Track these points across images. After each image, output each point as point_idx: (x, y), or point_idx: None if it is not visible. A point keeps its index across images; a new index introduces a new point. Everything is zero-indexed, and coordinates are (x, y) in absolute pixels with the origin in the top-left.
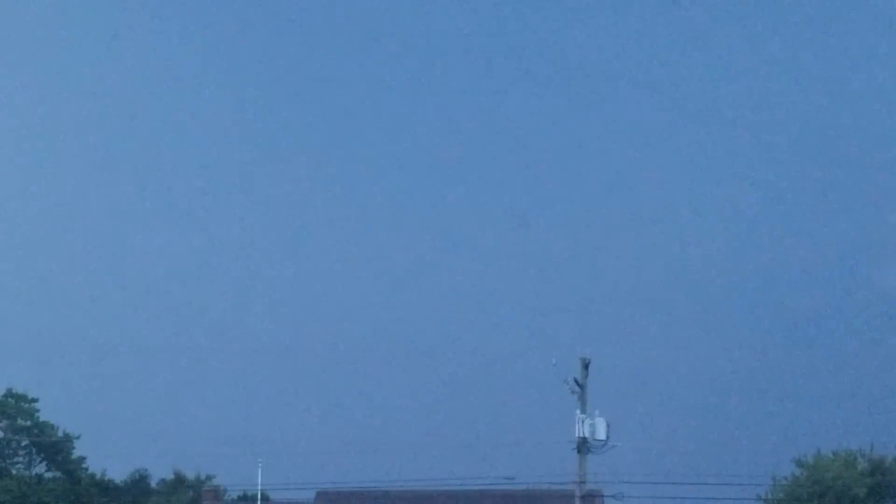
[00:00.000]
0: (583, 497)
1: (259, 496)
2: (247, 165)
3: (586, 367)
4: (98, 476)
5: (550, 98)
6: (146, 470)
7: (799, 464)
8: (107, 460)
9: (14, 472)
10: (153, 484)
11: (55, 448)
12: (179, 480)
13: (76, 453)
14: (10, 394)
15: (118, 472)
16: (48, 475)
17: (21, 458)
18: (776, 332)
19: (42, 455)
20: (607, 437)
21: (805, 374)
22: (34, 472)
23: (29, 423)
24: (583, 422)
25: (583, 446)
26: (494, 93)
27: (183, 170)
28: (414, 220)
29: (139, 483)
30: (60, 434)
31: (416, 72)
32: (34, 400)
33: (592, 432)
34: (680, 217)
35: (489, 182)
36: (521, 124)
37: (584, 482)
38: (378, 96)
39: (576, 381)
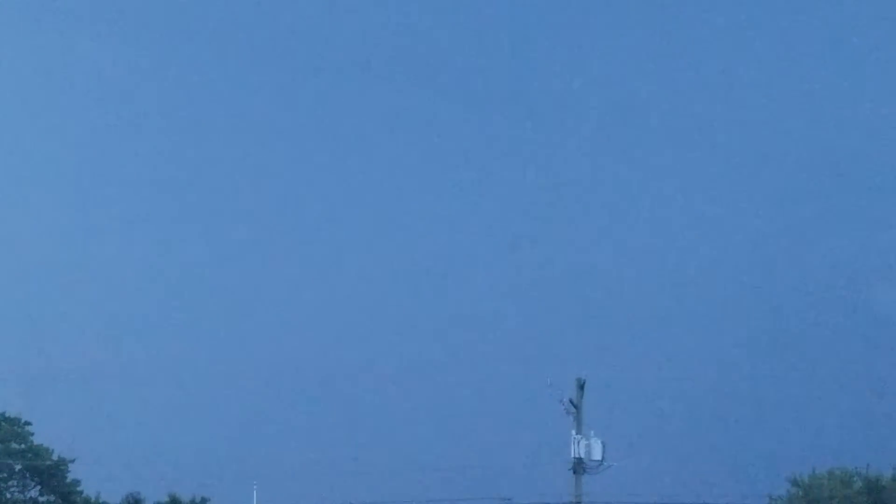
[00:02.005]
0: None
1: None
2: (243, 186)
3: (582, 387)
4: (93, 500)
5: (541, 118)
6: (139, 493)
7: (794, 483)
8: (102, 484)
9: (8, 496)
10: None
11: (49, 472)
12: (174, 503)
13: (70, 477)
14: (3, 418)
15: (113, 496)
16: (42, 499)
17: (15, 483)
18: (772, 352)
19: (36, 479)
20: (603, 457)
21: (801, 393)
22: (28, 497)
23: (23, 446)
24: (578, 442)
25: (578, 467)
26: (484, 115)
27: (174, 193)
28: (408, 240)
29: None
30: (55, 458)
31: (406, 95)
32: (28, 423)
33: (588, 453)
34: (674, 236)
35: (482, 202)
36: (512, 145)
37: (579, 502)
38: (373, 120)
39: (571, 402)
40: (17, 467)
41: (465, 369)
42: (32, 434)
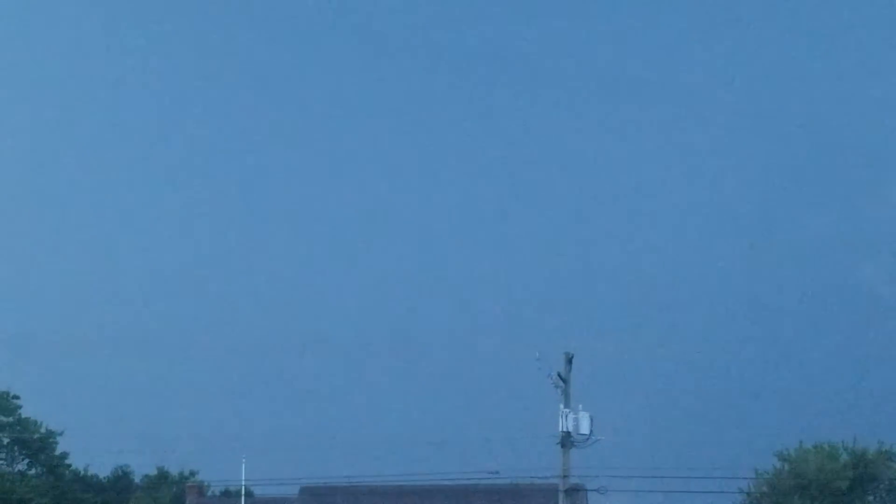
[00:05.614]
0: (566, 491)
1: (243, 492)
2: (234, 163)
3: (570, 361)
4: (81, 472)
5: (531, 92)
6: (128, 466)
7: (781, 457)
8: (90, 456)
9: None
10: (136, 480)
11: (38, 444)
12: (163, 476)
13: (59, 449)
14: None
15: (101, 469)
16: (31, 472)
17: (3, 455)
18: (758, 327)
19: (25, 452)
20: (591, 431)
21: (787, 367)
22: (17, 470)
23: (11, 419)
24: (566, 416)
25: (566, 441)
26: (477, 88)
27: (166, 166)
28: (396, 214)
29: (122, 479)
30: (43, 430)
31: (399, 69)
32: (16, 397)
33: (576, 427)
34: (662, 211)
35: (471, 175)
36: (501, 118)
37: (567, 476)
38: (365, 94)
39: (559, 376)
40: (6, 440)
41: (453, 343)
42: (21, 407)
